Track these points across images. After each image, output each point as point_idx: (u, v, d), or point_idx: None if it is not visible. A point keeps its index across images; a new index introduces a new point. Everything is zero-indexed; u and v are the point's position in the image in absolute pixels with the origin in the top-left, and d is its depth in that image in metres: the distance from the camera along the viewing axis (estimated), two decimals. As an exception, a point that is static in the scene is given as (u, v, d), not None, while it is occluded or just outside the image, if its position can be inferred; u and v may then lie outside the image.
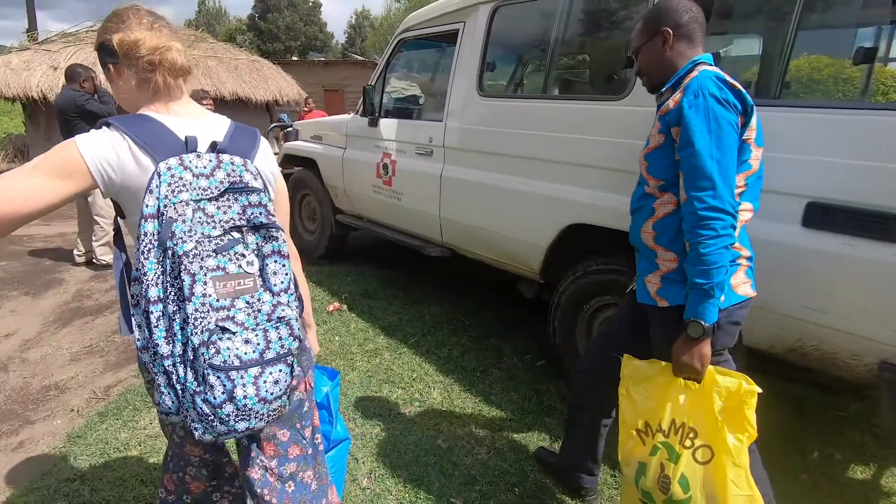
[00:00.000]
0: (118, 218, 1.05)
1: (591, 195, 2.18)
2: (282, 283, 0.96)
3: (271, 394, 0.93)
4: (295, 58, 23.56)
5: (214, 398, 0.88)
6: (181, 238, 0.87)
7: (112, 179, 0.93)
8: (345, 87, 16.03)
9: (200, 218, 0.89)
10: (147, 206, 0.88)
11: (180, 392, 0.90)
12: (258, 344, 0.92)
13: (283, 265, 0.97)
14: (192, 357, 0.88)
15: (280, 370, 0.94)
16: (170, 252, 0.87)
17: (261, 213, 0.95)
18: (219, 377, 0.88)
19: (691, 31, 1.37)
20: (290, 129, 5.04)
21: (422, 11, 3.30)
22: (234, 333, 0.89)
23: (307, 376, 1.20)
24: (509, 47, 3.11)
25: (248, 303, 0.92)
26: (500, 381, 2.59)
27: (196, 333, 0.86)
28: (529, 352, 2.88)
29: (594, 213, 2.17)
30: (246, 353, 0.90)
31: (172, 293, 0.87)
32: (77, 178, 0.90)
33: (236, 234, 0.93)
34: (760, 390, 1.23)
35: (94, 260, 4.36)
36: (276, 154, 5.37)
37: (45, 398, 2.47)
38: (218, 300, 0.88)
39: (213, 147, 0.98)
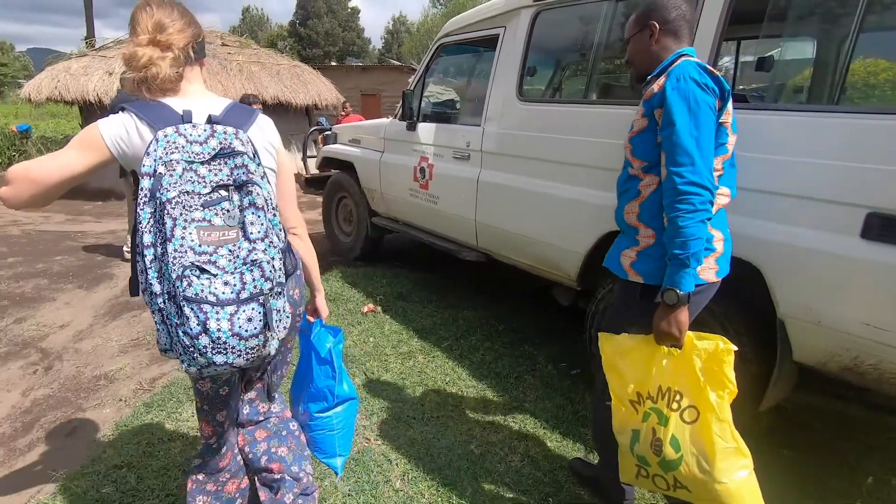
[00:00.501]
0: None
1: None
2: (258, 231, 1.08)
3: (245, 330, 1.04)
4: (333, 63, 24.04)
5: (191, 329, 1.00)
6: (166, 188, 1.01)
7: (125, 152, 1.12)
8: (381, 91, 16.25)
9: (191, 177, 1.04)
10: (145, 165, 1.04)
11: (169, 327, 1.04)
12: (235, 285, 1.04)
13: (259, 216, 1.09)
14: (174, 293, 1.01)
15: (253, 308, 1.05)
16: (157, 201, 1.02)
17: (243, 173, 1.09)
18: (192, 308, 1.00)
19: (678, 28, 1.46)
20: (328, 132, 5.14)
21: (462, 16, 3.31)
22: (214, 275, 1.02)
23: (291, 336, 1.44)
24: (550, 52, 3.09)
25: (230, 251, 1.05)
26: (534, 388, 2.57)
27: (174, 270, 1.00)
28: (564, 360, 2.84)
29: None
30: (224, 293, 1.02)
31: (160, 238, 1.02)
32: (98, 151, 1.11)
33: (223, 192, 1.07)
34: (737, 348, 1.29)
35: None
36: (313, 157, 5.50)
37: (96, 387, 2.59)
38: (200, 245, 1.02)
39: (209, 119, 1.14)
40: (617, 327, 1.52)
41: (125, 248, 4.68)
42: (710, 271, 1.40)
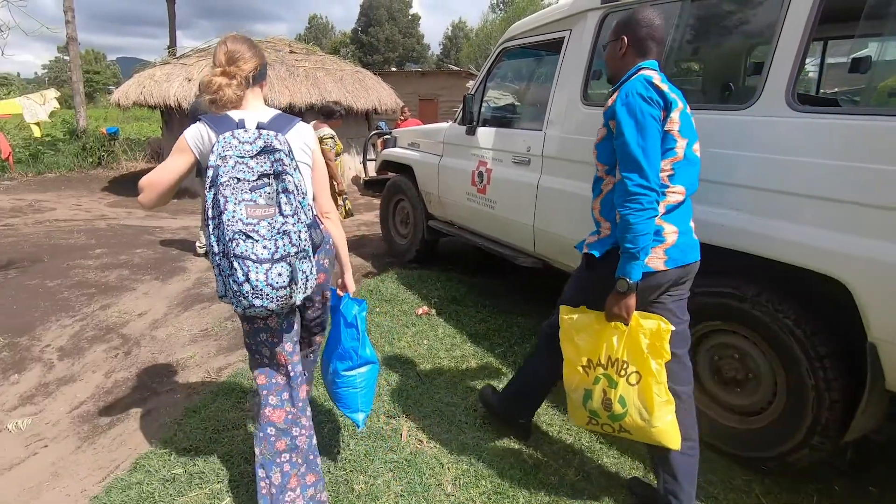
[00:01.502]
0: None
1: (699, 210, 2.03)
2: (289, 210, 1.39)
3: (276, 282, 1.36)
4: (393, 68, 24.53)
5: (237, 279, 1.34)
6: (221, 175, 1.35)
7: (201, 150, 1.49)
8: (439, 96, 16.41)
9: (242, 168, 1.36)
10: (210, 160, 1.37)
11: (224, 278, 1.39)
12: (270, 248, 1.36)
13: (289, 198, 1.40)
14: (227, 251, 1.34)
15: (282, 266, 1.37)
16: (216, 185, 1.35)
17: (280, 165, 1.40)
18: (239, 263, 1.33)
19: (645, 46, 1.63)
20: (388, 136, 5.24)
21: (526, 20, 3.28)
22: (256, 241, 1.34)
23: (328, 294, 1.81)
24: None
25: (269, 223, 1.37)
26: (590, 400, 2.48)
27: (227, 234, 1.33)
28: (622, 373, 2.73)
29: (702, 231, 2.02)
30: (262, 254, 1.35)
31: (217, 212, 1.35)
32: (186, 152, 1.50)
33: (266, 179, 1.39)
34: (674, 328, 1.57)
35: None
36: (373, 160, 5.63)
37: (169, 373, 2.77)
38: (248, 218, 1.35)
39: (258, 125, 1.47)
40: (574, 292, 1.81)
41: (198, 244, 4.97)
42: (657, 260, 1.57)
